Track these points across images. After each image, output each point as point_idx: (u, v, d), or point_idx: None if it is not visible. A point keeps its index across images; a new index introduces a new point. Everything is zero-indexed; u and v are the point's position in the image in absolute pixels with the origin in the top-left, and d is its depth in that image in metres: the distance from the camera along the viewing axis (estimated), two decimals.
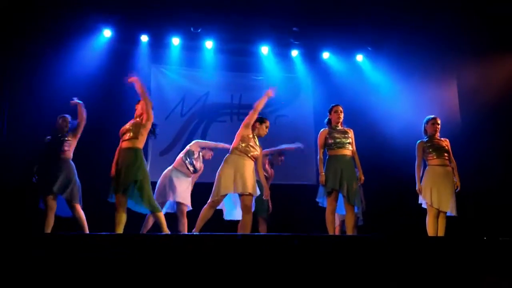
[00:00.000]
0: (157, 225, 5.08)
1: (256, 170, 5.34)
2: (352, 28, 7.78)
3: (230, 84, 8.56)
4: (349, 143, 5.43)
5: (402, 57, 8.01)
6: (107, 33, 7.68)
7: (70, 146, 5.51)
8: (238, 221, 5.33)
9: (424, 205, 5.59)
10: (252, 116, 5.29)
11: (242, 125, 5.32)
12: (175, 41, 8.10)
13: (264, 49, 8.46)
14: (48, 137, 5.57)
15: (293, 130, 8.14)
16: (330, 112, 5.59)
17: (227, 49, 8.34)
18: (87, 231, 5.28)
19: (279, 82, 8.63)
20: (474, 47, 7.12)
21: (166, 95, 8.28)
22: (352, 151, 5.47)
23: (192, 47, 8.24)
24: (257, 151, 5.27)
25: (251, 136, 5.28)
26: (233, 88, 8.58)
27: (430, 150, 5.59)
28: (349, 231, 5.33)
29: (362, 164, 5.53)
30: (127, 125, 5.09)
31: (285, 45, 8.41)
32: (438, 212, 5.44)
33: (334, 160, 5.39)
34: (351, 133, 5.52)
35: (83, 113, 5.52)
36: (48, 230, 5.28)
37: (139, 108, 5.13)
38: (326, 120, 5.64)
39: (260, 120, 5.40)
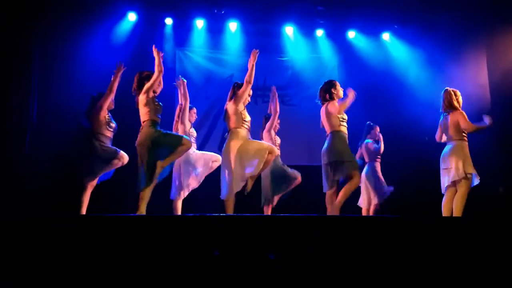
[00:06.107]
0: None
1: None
2: (378, 5, 7.61)
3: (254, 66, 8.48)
4: None
5: (429, 35, 7.82)
6: (132, 16, 7.75)
7: None
8: None
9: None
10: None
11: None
12: (199, 23, 8.10)
13: (289, 30, 8.38)
14: None
15: (318, 111, 8.06)
16: (335, 87, 5.55)
17: (251, 30, 8.29)
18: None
19: (304, 63, 8.58)
20: (505, 22, 6.90)
21: (191, 78, 8.29)
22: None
23: (216, 29, 8.25)
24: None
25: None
26: (258, 70, 8.39)
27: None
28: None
29: (388, 142, 5.36)
30: None
31: (309, 24, 8.31)
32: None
33: None
34: None
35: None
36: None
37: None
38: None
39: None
